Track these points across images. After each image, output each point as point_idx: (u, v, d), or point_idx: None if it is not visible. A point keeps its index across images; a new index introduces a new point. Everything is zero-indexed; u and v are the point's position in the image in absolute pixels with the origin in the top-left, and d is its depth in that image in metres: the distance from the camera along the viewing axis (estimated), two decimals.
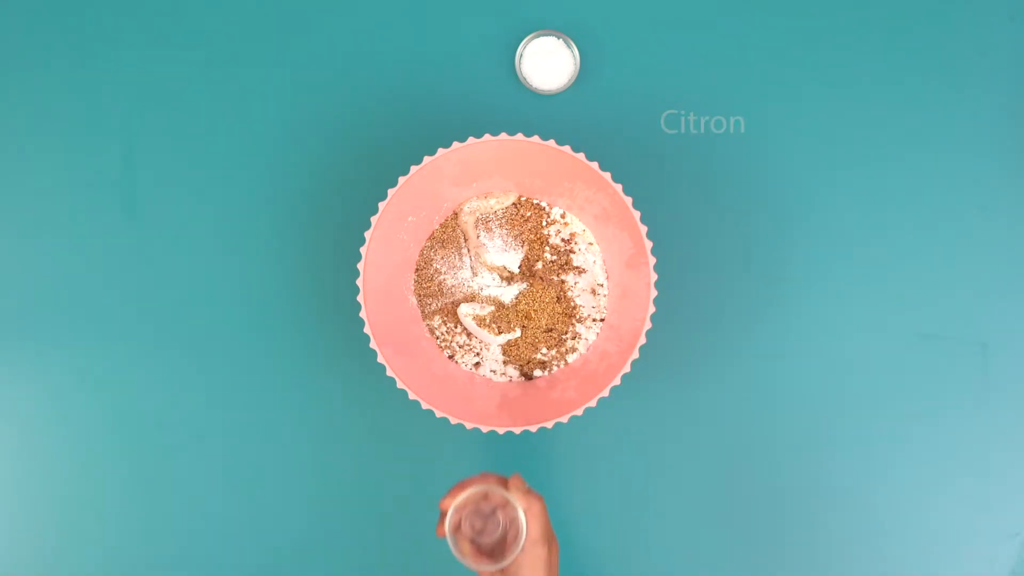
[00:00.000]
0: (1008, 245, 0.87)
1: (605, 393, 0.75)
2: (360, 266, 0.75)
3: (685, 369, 0.86)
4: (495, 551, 0.67)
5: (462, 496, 0.65)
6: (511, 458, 0.85)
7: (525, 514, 0.65)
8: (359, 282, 0.75)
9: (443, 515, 0.67)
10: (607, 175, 0.75)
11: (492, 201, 0.84)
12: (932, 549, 0.85)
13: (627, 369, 0.75)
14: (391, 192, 0.76)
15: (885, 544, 0.85)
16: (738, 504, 0.85)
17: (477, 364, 0.84)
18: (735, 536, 0.85)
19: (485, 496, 0.67)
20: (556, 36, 0.85)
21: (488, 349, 0.84)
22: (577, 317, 0.83)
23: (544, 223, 0.84)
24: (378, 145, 0.88)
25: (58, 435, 0.87)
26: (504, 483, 0.67)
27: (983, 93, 0.88)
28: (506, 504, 0.66)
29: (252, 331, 0.87)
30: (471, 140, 0.75)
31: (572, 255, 0.84)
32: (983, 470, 0.85)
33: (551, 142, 0.75)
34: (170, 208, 0.88)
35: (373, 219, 0.76)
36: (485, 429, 0.75)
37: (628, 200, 0.75)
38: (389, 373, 0.75)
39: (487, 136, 0.76)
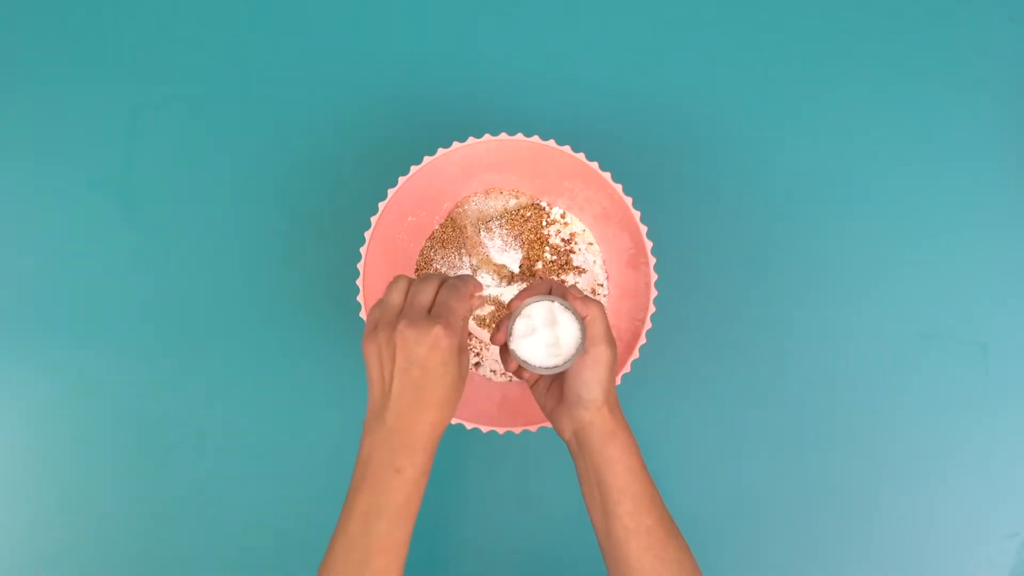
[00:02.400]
0: (1008, 245, 0.87)
1: None
2: (360, 266, 0.75)
3: (685, 369, 0.86)
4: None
5: (523, 304, 0.64)
6: (511, 458, 0.85)
7: (584, 320, 0.64)
8: (359, 282, 0.75)
9: (503, 321, 0.65)
10: (607, 175, 0.75)
11: (492, 201, 0.84)
12: (932, 549, 0.85)
13: (627, 369, 0.75)
14: (391, 192, 0.76)
15: (885, 544, 0.85)
16: (738, 503, 0.85)
17: (477, 364, 0.84)
18: (735, 535, 0.85)
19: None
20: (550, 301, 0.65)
21: (488, 349, 0.84)
22: None
23: (544, 223, 0.84)
24: (378, 145, 0.88)
25: (58, 435, 0.87)
26: (562, 291, 0.65)
27: (983, 93, 0.88)
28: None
29: (252, 331, 0.87)
30: (471, 140, 0.75)
31: (572, 255, 0.84)
32: (983, 470, 0.85)
33: (551, 142, 0.75)
34: (170, 208, 0.88)
35: (373, 219, 0.76)
36: (485, 429, 0.75)
37: (628, 200, 0.75)
38: None
39: (487, 136, 0.75)
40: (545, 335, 0.64)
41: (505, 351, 0.65)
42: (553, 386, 0.67)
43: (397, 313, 0.60)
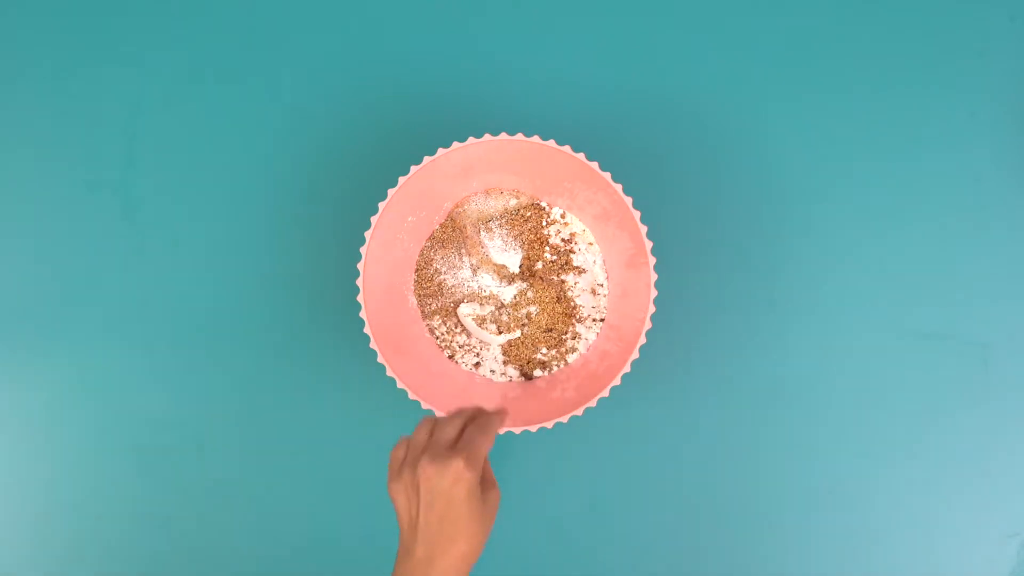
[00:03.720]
0: (1008, 245, 0.87)
1: (605, 393, 0.75)
2: (360, 266, 0.75)
3: (685, 369, 0.86)
4: None
5: None
6: (511, 458, 0.85)
7: None
8: (359, 282, 0.75)
9: None
10: (607, 175, 0.75)
11: (492, 201, 0.84)
12: (932, 549, 0.85)
13: (627, 369, 0.75)
14: (391, 192, 0.76)
15: (885, 544, 0.85)
16: (737, 504, 0.85)
17: (477, 364, 0.84)
18: (735, 536, 0.85)
19: None
20: None
21: (488, 349, 0.84)
22: (577, 317, 0.83)
23: (544, 223, 0.84)
24: (378, 145, 0.88)
25: (58, 436, 0.87)
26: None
27: (983, 93, 0.88)
28: None
29: (252, 331, 0.87)
30: (471, 140, 0.75)
31: (572, 255, 0.84)
32: (983, 470, 0.85)
33: (551, 142, 0.75)
34: (170, 209, 0.88)
35: (373, 219, 0.76)
36: None
37: (628, 200, 0.75)
38: (389, 373, 0.75)
39: (487, 136, 0.76)
40: None
41: None
42: None
43: (421, 451, 0.61)
